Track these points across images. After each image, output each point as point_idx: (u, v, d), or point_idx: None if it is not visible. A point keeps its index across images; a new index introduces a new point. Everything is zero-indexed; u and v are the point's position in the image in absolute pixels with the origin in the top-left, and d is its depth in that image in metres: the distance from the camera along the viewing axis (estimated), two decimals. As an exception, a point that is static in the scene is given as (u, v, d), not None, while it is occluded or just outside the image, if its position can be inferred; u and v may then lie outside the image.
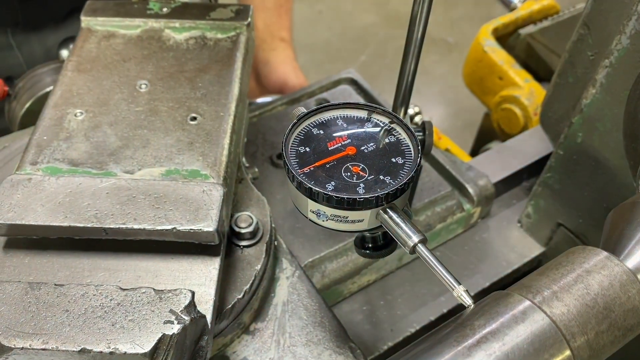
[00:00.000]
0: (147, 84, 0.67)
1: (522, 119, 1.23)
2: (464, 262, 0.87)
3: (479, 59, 1.32)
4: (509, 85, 1.26)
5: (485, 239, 0.91)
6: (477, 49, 1.32)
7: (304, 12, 3.44)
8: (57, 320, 0.47)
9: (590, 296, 0.43)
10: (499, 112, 1.28)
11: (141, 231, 0.53)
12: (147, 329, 0.46)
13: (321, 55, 3.23)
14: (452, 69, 3.20)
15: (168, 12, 0.74)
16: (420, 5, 0.60)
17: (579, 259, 0.46)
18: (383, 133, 0.49)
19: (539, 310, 0.42)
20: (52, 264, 0.56)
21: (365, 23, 3.44)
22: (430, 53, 3.28)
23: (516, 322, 0.42)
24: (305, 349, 0.62)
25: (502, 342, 0.41)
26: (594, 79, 0.72)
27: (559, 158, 0.81)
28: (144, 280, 0.54)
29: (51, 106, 0.65)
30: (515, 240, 0.92)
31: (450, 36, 3.39)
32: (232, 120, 0.64)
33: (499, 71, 1.28)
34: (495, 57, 1.28)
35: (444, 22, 3.47)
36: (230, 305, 0.58)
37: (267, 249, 0.63)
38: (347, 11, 3.52)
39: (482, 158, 1.03)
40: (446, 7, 3.55)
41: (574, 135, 0.77)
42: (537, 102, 1.21)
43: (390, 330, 0.77)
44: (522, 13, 1.33)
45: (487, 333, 0.41)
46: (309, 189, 0.44)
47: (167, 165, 0.59)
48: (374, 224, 0.46)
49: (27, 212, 0.54)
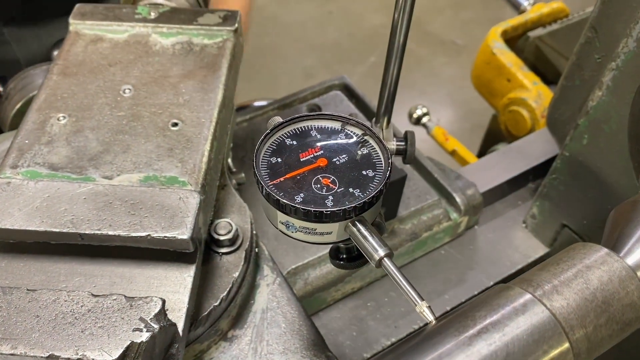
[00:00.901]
0: (131, 89, 0.67)
1: (529, 121, 1.24)
2: (468, 262, 0.88)
3: (487, 61, 1.33)
4: (517, 87, 1.27)
5: (490, 239, 0.93)
6: (485, 51, 1.33)
7: (314, 13, 3.45)
8: (27, 326, 0.47)
9: (589, 290, 0.44)
10: (506, 114, 1.29)
11: (116, 237, 0.54)
12: (115, 336, 0.47)
13: (331, 56, 3.24)
14: (460, 71, 3.19)
15: (156, 17, 0.74)
16: (400, 14, 0.59)
17: (580, 254, 0.47)
18: (356, 145, 0.49)
19: (539, 303, 0.43)
20: (29, 267, 0.56)
21: (375, 24, 3.44)
22: (438, 55, 3.28)
23: (516, 314, 0.43)
24: (282, 357, 0.62)
25: (503, 333, 0.42)
26: (600, 82, 0.72)
27: (564, 159, 0.82)
28: (118, 286, 0.54)
29: (35, 110, 0.65)
30: (520, 240, 0.93)
31: (459, 38, 3.39)
32: (214, 126, 0.64)
33: (507, 73, 1.29)
34: (503, 59, 1.29)
35: (452, 24, 3.47)
36: (206, 312, 0.58)
37: (246, 256, 0.63)
38: (357, 12, 3.53)
39: (488, 159, 1.05)
40: (455, 9, 3.55)
41: (580, 137, 0.78)
42: (545, 104, 1.22)
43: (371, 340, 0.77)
44: (531, 16, 1.34)
45: (488, 324, 0.42)
46: (277, 200, 0.44)
47: (146, 172, 0.59)
48: (343, 236, 0.46)
49: (4, 216, 0.55)
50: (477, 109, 2.95)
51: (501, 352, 0.41)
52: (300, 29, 3.35)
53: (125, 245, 0.55)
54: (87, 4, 0.76)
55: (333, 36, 3.37)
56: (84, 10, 0.76)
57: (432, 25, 3.46)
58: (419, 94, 2.89)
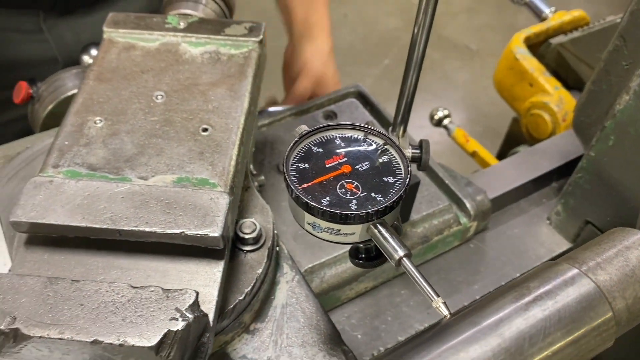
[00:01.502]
0: (163, 95, 0.71)
1: (550, 124, 1.30)
2: (496, 255, 0.94)
3: (510, 66, 1.38)
4: (539, 92, 1.33)
5: (517, 234, 0.99)
6: (509, 57, 1.38)
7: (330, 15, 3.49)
8: (73, 313, 0.52)
9: (629, 267, 0.51)
10: (528, 117, 1.35)
11: (152, 234, 0.58)
12: (154, 325, 0.51)
13: (345, 58, 3.29)
14: (473, 76, 3.24)
15: (185, 26, 0.79)
16: (420, 28, 0.63)
17: (619, 237, 0.54)
18: (377, 153, 0.53)
19: (585, 277, 0.49)
20: (69, 261, 0.60)
21: (389, 27, 3.48)
22: (452, 59, 3.33)
23: (566, 285, 0.49)
24: (301, 349, 0.66)
25: (555, 300, 0.47)
26: (628, 87, 0.78)
27: (590, 159, 0.87)
28: (153, 279, 0.59)
29: (73, 113, 0.70)
30: (545, 236, 0.98)
31: (473, 43, 3.43)
32: (241, 132, 0.68)
33: (529, 78, 1.34)
34: (526, 64, 1.35)
35: (466, 29, 3.52)
36: (232, 305, 0.63)
37: (268, 254, 0.67)
38: (371, 15, 3.58)
39: (513, 159, 1.11)
40: (469, 15, 3.59)
41: (606, 139, 0.83)
42: (566, 108, 1.28)
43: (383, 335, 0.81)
44: (553, 23, 1.39)
45: (542, 293, 0.48)
46: (305, 203, 0.48)
47: (179, 173, 0.63)
48: (364, 237, 0.50)
49: (48, 212, 0.59)
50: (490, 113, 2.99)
51: (554, 316, 0.47)
52: None
53: (158, 242, 0.59)
54: (120, 12, 0.81)
55: (348, 39, 3.41)
56: (116, 19, 0.80)
57: (447, 30, 3.50)
58: (432, 97, 2.93)
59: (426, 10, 0.59)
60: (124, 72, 0.74)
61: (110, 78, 0.73)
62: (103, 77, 0.74)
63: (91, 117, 0.69)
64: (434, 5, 0.59)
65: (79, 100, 0.71)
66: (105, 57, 0.76)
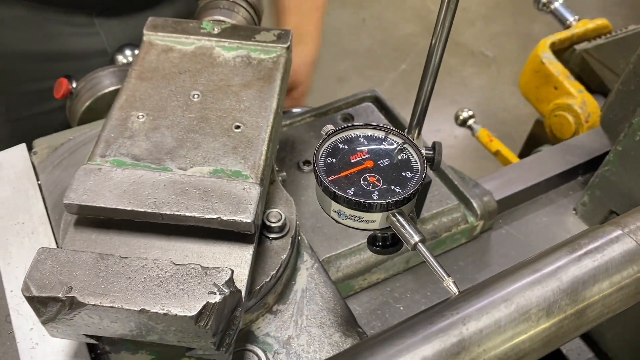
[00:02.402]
0: (199, 94, 0.78)
1: (574, 125, 1.38)
2: (526, 240, 1.04)
3: (536, 69, 1.47)
4: (564, 94, 1.42)
5: (545, 223, 1.08)
6: (535, 60, 1.48)
7: (347, 20, 3.58)
8: (122, 285, 0.58)
9: None
10: (552, 118, 1.44)
11: (191, 218, 0.64)
12: (194, 297, 0.57)
13: (363, 62, 3.36)
14: (489, 82, 3.31)
15: (219, 32, 0.85)
16: (437, 39, 0.70)
17: None
18: (397, 151, 0.59)
19: (628, 237, 0.57)
20: (114, 241, 0.67)
21: (407, 33, 3.55)
22: (468, 65, 3.39)
23: (612, 242, 0.57)
24: (319, 329, 0.72)
25: (602, 254, 0.56)
26: None
27: (617, 153, 0.95)
28: (190, 259, 0.65)
29: (117, 108, 0.76)
30: (571, 224, 1.07)
31: (489, 50, 3.49)
32: (270, 130, 0.74)
33: (555, 81, 1.44)
34: (552, 68, 1.44)
35: (483, 36, 3.58)
36: (258, 286, 0.69)
37: (292, 241, 0.74)
38: (389, 21, 3.65)
39: (541, 154, 1.21)
40: (486, 22, 3.66)
41: (633, 134, 0.91)
42: (589, 110, 1.37)
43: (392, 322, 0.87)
44: (577, 31, 1.49)
45: (591, 248, 0.56)
46: (333, 192, 0.55)
47: (215, 165, 0.70)
48: (383, 225, 0.56)
49: (98, 196, 0.66)
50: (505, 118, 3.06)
51: (602, 267, 0.55)
52: (335, 35, 3.47)
53: (195, 226, 0.66)
54: (159, 17, 0.88)
55: (366, 43, 3.48)
56: (155, 23, 0.87)
57: (463, 36, 3.56)
58: (449, 102, 3.00)
59: (444, 22, 0.65)
60: (163, 72, 0.81)
61: (151, 77, 0.80)
62: (144, 76, 0.80)
63: (134, 112, 0.76)
64: (451, 17, 0.65)
65: (123, 97, 0.78)
66: (146, 57, 0.83)
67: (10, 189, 0.84)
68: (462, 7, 3.73)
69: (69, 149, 0.88)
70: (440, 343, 0.49)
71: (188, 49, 0.84)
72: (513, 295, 0.52)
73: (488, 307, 0.51)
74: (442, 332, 0.50)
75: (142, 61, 0.83)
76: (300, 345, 0.71)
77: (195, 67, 0.82)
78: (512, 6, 3.78)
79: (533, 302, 0.52)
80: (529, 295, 0.52)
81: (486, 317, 0.51)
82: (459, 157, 2.79)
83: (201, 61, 0.82)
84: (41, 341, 0.69)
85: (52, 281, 0.58)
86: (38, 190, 0.84)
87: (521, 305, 0.52)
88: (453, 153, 2.81)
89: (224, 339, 0.61)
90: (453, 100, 3.04)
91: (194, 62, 0.82)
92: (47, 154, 0.88)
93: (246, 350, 0.70)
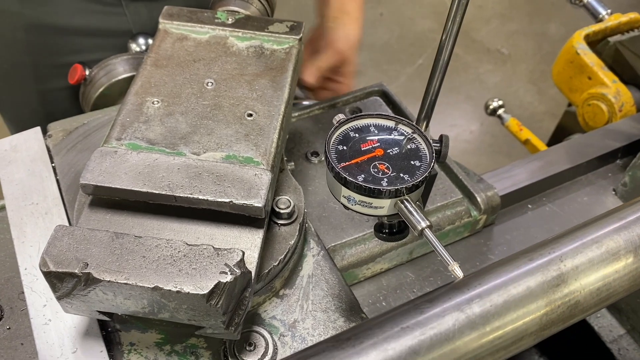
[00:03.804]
0: (213, 82, 0.80)
1: (607, 114, 1.43)
2: (569, 219, 1.09)
3: (570, 60, 1.52)
4: (598, 84, 1.46)
5: (586, 202, 1.13)
6: (569, 51, 1.52)
7: (366, 14, 3.60)
8: (136, 263, 0.60)
9: None
10: (585, 108, 1.48)
11: (204, 201, 0.66)
12: (206, 276, 0.59)
13: (380, 56, 3.39)
14: (504, 79, 3.34)
15: (233, 22, 0.87)
16: (447, 36, 0.71)
17: None
18: (406, 141, 0.61)
19: None
20: (128, 221, 0.69)
21: (424, 28, 3.57)
22: (484, 62, 3.42)
23: None
24: (324, 314, 0.74)
25: None
26: None
27: None
28: (202, 241, 0.67)
29: (133, 93, 0.78)
30: (610, 204, 1.12)
31: (505, 48, 3.52)
32: (281, 119, 0.76)
33: (589, 72, 1.48)
34: (586, 59, 1.48)
35: (499, 34, 3.62)
36: (267, 270, 0.71)
37: (300, 228, 0.75)
38: (407, 16, 3.68)
39: (579, 138, 1.28)
40: (502, 20, 3.70)
41: None
42: (622, 100, 1.42)
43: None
44: (610, 24, 1.53)
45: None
46: (344, 178, 0.57)
47: (227, 151, 0.72)
48: (391, 212, 0.58)
49: (114, 178, 0.68)
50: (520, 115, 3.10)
51: None
52: None
53: (207, 209, 0.68)
54: (174, 6, 0.90)
55: (384, 37, 3.51)
56: (171, 12, 0.89)
57: (479, 34, 3.59)
58: (464, 98, 3.02)
59: (454, 18, 0.67)
60: (178, 60, 0.83)
61: (166, 64, 0.82)
62: (159, 64, 0.82)
63: (149, 97, 0.77)
64: (462, 12, 0.67)
65: (138, 83, 0.79)
66: (161, 45, 0.85)
67: (25, 170, 0.86)
68: (479, 4, 3.75)
69: (83, 133, 0.90)
70: (542, 276, 0.54)
71: (202, 38, 0.86)
72: (603, 238, 0.57)
73: (581, 247, 0.57)
74: (543, 266, 0.55)
75: (157, 49, 0.84)
76: (305, 328, 0.73)
77: (209, 56, 0.83)
78: (529, 5, 3.81)
79: (621, 245, 0.57)
80: (617, 239, 0.58)
81: (580, 256, 0.56)
82: (474, 151, 2.82)
83: (215, 50, 0.84)
84: (54, 317, 0.71)
85: (68, 257, 0.60)
86: (52, 173, 0.86)
87: (611, 247, 0.57)
88: (469, 148, 2.84)
89: (233, 318, 0.63)
90: (468, 97, 3.07)
91: (208, 50, 0.84)
92: (62, 137, 0.89)
93: (253, 332, 0.72)
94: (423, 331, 0.50)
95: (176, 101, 0.77)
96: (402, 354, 0.49)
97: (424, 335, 0.50)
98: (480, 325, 0.52)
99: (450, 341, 0.50)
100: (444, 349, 0.50)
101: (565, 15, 3.65)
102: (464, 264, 0.95)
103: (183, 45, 0.85)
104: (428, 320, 0.51)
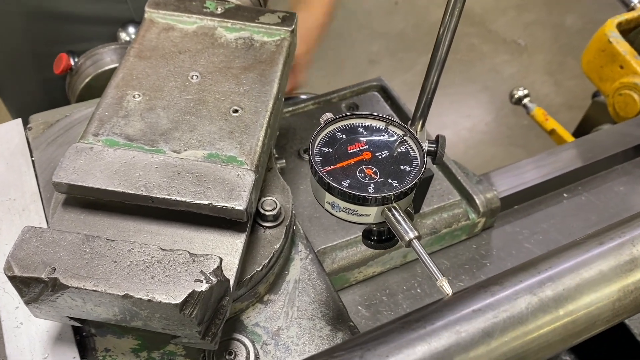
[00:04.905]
0: (198, 75, 0.76)
1: (639, 103, 1.38)
2: (606, 207, 1.09)
3: (602, 48, 1.47)
4: (630, 73, 1.42)
5: (622, 192, 1.13)
6: (601, 40, 1.47)
7: (381, 2, 3.60)
8: (107, 269, 0.57)
9: None
10: (616, 97, 1.44)
11: (182, 203, 0.62)
12: (180, 285, 0.55)
13: (396, 44, 3.38)
14: (521, 70, 3.32)
15: (222, 12, 0.83)
16: (445, 30, 0.67)
17: None
18: (397, 143, 0.57)
19: None
20: (103, 222, 0.65)
21: (439, 18, 3.53)
22: (500, 52, 3.40)
23: None
24: (309, 322, 0.71)
25: None
26: None
27: None
28: (179, 244, 0.63)
29: (113, 86, 0.74)
30: None
31: (521, 39, 3.49)
32: (269, 116, 0.72)
33: (621, 60, 1.43)
34: (619, 47, 1.43)
35: (515, 25, 3.61)
36: (249, 275, 0.67)
37: (286, 231, 0.72)
38: (422, 5, 3.68)
39: (613, 128, 1.28)
40: (518, 11, 3.68)
41: None
42: None
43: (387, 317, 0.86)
44: None
45: None
46: (327, 183, 0.53)
47: (209, 149, 0.68)
48: (379, 219, 0.54)
49: (88, 176, 0.64)
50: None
51: None
52: (367, 17, 3.49)
53: (186, 211, 0.64)
54: (161, -6, 0.85)
55: (399, 26, 3.49)
56: (158, 0, 0.84)
57: (495, 24, 3.56)
58: (480, 88, 2.99)
59: (452, 12, 0.63)
60: (162, 51, 0.79)
61: (150, 56, 0.78)
62: (143, 55, 0.78)
63: (130, 91, 0.74)
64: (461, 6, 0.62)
65: (120, 75, 0.76)
66: (146, 35, 0.81)
67: (4, 164, 0.83)
68: (496, -6, 3.71)
69: (64, 126, 0.86)
70: (614, 260, 0.52)
71: (189, 28, 0.82)
72: None
73: None
74: (615, 250, 0.52)
75: (141, 39, 0.80)
76: (289, 337, 0.70)
77: (195, 48, 0.79)
78: (546, -4, 3.77)
79: None
80: None
81: None
82: (489, 143, 2.78)
83: (202, 41, 0.80)
84: (26, 321, 0.68)
85: (35, 261, 0.56)
86: (31, 167, 0.82)
87: None
88: (484, 139, 2.81)
89: (210, 328, 0.59)
90: (485, 87, 3.04)
91: (194, 42, 0.80)
92: (43, 130, 0.86)
93: (234, 340, 0.68)
94: (496, 314, 0.47)
95: (158, 95, 0.73)
96: (475, 337, 0.46)
97: (497, 318, 0.47)
98: (554, 308, 0.49)
99: (524, 324, 0.48)
100: (517, 332, 0.47)
101: (583, 6, 3.59)
102: (459, 269, 0.92)
103: (169, 36, 0.81)
104: (499, 302, 0.48)
